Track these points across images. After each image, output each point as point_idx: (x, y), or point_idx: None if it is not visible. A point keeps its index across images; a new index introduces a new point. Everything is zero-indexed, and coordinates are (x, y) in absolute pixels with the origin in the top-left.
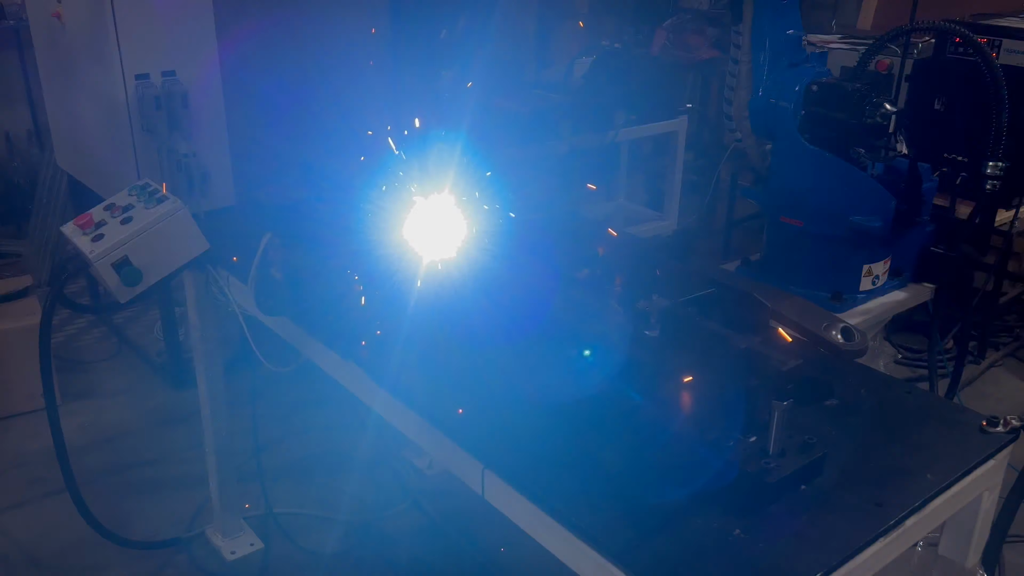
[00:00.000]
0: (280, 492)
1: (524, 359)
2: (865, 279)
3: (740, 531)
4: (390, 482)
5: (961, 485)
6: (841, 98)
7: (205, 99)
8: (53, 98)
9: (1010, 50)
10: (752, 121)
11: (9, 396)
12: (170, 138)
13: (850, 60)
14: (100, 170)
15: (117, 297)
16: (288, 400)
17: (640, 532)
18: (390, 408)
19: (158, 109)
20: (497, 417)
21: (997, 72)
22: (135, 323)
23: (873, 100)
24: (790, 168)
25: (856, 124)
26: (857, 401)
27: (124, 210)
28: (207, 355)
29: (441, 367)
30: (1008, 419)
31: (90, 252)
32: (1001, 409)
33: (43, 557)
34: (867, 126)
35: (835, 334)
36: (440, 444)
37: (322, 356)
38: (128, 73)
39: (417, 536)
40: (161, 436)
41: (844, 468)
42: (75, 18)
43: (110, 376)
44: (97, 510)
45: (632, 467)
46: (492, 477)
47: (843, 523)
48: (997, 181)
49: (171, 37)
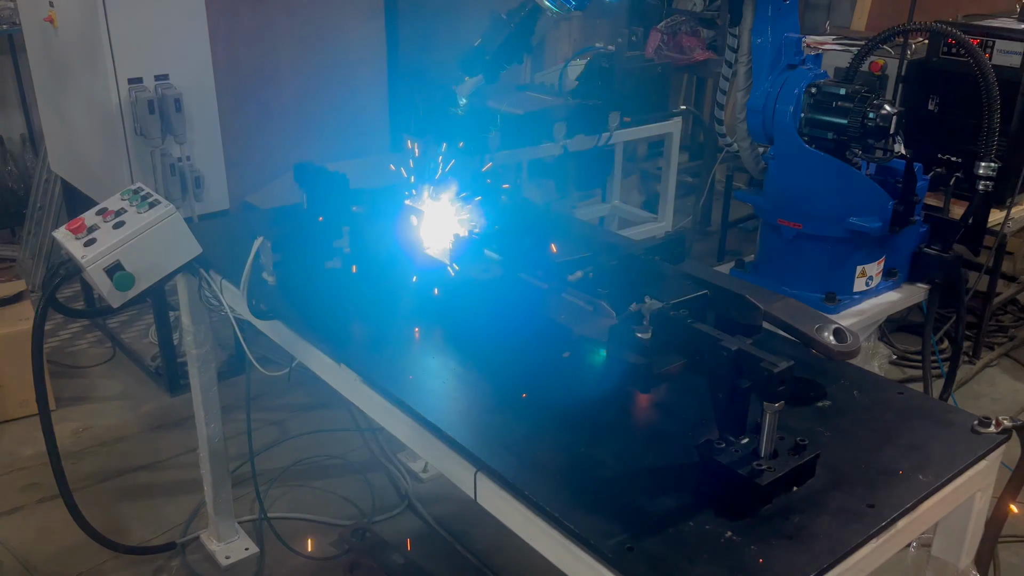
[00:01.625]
0: (274, 496)
1: (516, 361)
2: (859, 280)
3: (732, 533)
4: (385, 486)
5: (953, 486)
6: (842, 100)
7: (199, 103)
8: (46, 102)
9: (1003, 51)
10: (750, 124)
11: (2, 401)
12: (164, 142)
13: (844, 61)
14: (93, 174)
15: (110, 302)
16: (282, 404)
17: (632, 535)
18: (383, 411)
19: (151, 113)
20: (489, 420)
21: (990, 73)
22: (129, 328)
23: (874, 102)
24: (789, 171)
25: (857, 126)
26: (849, 402)
27: (116, 214)
28: (201, 359)
29: (433, 370)
30: (1000, 419)
31: (82, 257)
32: (996, 409)
33: (37, 563)
34: (868, 128)
35: (827, 336)
36: (432, 447)
37: (315, 360)
38: (121, 77)
39: (412, 540)
40: (155, 441)
41: (836, 469)
42: (68, 22)
43: (104, 381)
44: (91, 515)
45: (624, 470)
46: (484, 480)
47: (835, 524)
48: (990, 181)
49: (164, 41)
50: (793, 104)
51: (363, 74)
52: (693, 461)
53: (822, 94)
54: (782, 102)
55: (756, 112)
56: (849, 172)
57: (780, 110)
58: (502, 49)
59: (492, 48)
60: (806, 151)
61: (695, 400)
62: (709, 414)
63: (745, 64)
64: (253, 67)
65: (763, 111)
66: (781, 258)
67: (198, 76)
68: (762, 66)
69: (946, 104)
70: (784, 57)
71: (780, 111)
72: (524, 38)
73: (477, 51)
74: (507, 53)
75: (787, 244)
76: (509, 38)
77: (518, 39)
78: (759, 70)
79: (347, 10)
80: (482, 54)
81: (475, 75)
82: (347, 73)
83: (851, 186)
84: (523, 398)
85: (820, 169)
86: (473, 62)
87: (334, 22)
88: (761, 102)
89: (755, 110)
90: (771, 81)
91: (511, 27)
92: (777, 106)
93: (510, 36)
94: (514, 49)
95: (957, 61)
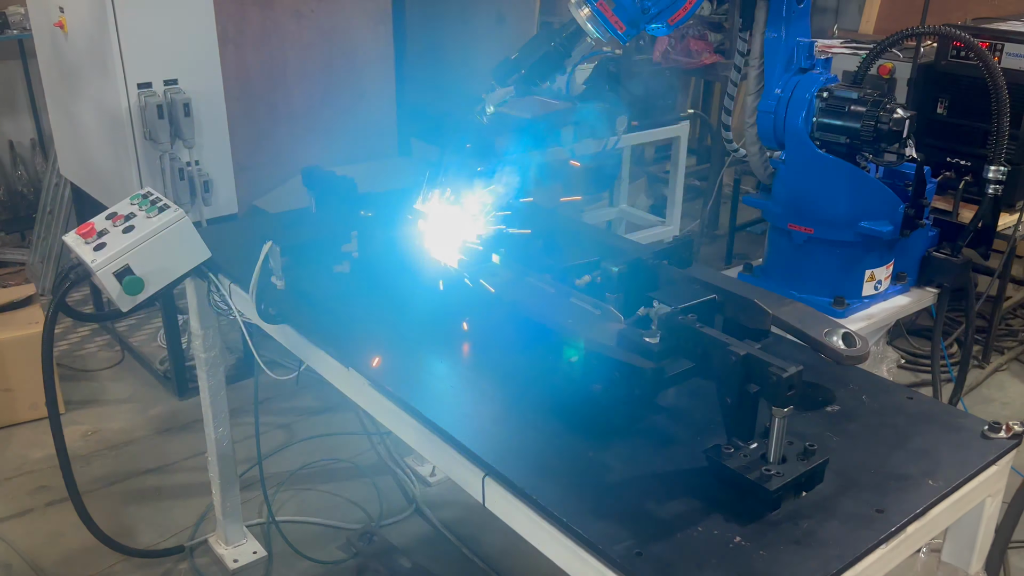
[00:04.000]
0: (282, 500)
1: (525, 366)
2: (868, 284)
3: (741, 538)
4: (393, 490)
5: (963, 491)
6: (855, 104)
7: (208, 107)
8: (56, 107)
9: (1012, 54)
10: (760, 128)
11: (12, 405)
12: (172, 146)
13: (852, 65)
14: (103, 179)
15: (119, 306)
16: (290, 408)
17: (640, 540)
18: (391, 415)
19: (160, 117)
20: (497, 424)
21: (999, 76)
22: (138, 331)
23: (887, 105)
24: (801, 175)
25: (871, 130)
26: (858, 407)
27: (126, 219)
28: (209, 363)
29: (441, 374)
30: (1010, 424)
31: (92, 261)
32: (1006, 414)
33: (46, 566)
34: (881, 132)
35: (836, 340)
36: (440, 451)
37: (324, 364)
38: (130, 81)
39: (420, 544)
40: (164, 444)
41: (845, 474)
42: (78, 27)
43: (113, 384)
44: (100, 518)
45: (632, 474)
46: (492, 484)
47: (845, 530)
48: (1000, 185)
49: (173, 46)
50: (805, 109)
51: (371, 78)
52: (701, 466)
53: (834, 98)
54: (794, 106)
55: (768, 115)
56: (862, 176)
57: (792, 114)
58: (537, 65)
59: (527, 63)
60: (818, 156)
61: (703, 405)
62: (717, 419)
63: (756, 68)
64: (261, 71)
65: (775, 115)
66: (789, 262)
67: (207, 81)
68: (775, 70)
69: (955, 107)
70: (796, 61)
71: (792, 115)
72: (560, 58)
73: (513, 63)
74: (541, 70)
75: (796, 248)
76: (546, 56)
77: (554, 58)
78: (771, 74)
79: (355, 14)
80: (517, 68)
81: (507, 86)
82: (355, 77)
83: (863, 190)
84: (531, 403)
85: (832, 173)
86: (507, 73)
87: (342, 26)
88: (773, 106)
89: (766, 113)
90: (783, 85)
91: (550, 45)
92: (789, 110)
93: (547, 54)
94: (549, 67)
95: (966, 64)
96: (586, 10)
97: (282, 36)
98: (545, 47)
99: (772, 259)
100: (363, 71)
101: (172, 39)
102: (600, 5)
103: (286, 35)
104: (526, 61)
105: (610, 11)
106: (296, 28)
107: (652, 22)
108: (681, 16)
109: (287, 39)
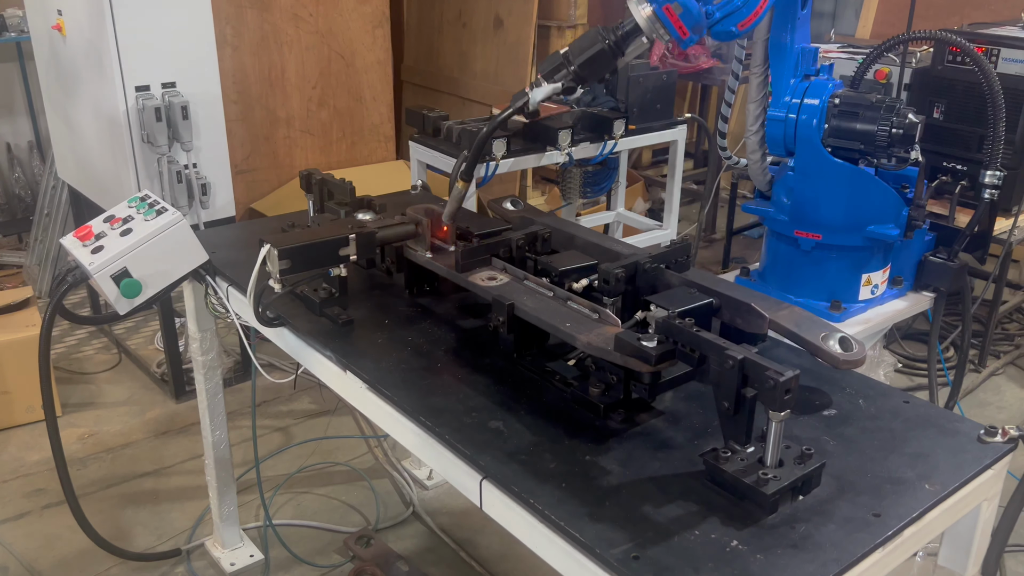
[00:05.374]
0: (279, 503)
1: (522, 369)
2: (864, 288)
3: (738, 542)
4: (390, 493)
5: (960, 495)
6: (868, 109)
7: (205, 110)
8: (54, 110)
9: (1008, 59)
10: (769, 135)
11: (9, 407)
12: (170, 149)
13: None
14: (100, 181)
15: (116, 308)
16: (287, 411)
17: (637, 543)
18: (388, 418)
19: (158, 120)
20: (494, 428)
21: (995, 82)
22: (135, 334)
23: (900, 109)
24: (812, 182)
25: (885, 135)
26: (855, 411)
27: (124, 222)
28: (207, 366)
29: (438, 377)
30: (1006, 428)
31: (89, 264)
32: (1002, 418)
33: (43, 569)
34: (895, 136)
35: (833, 344)
36: (437, 455)
37: (321, 367)
38: (128, 84)
39: (418, 548)
40: (161, 447)
41: (842, 478)
42: (76, 30)
43: (110, 387)
44: (97, 521)
45: (630, 478)
46: (490, 488)
47: (841, 534)
48: (996, 190)
49: (171, 49)
50: (817, 114)
51: (369, 81)
52: (698, 470)
53: (847, 104)
54: (805, 112)
55: (778, 122)
56: (872, 181)
57: (803, 121)
58: (588, 63)
59: (579, 60)
60: (830, 161)
61: (700, 408)
62: (714, 422)
63: (759, 75)
64: (259, 74)
65: (785, 122)
66: (787, 266)
67: (205, 83)
68: (783, 76)
69: (951, 112)
70: (802, 68)
71: (803, 122)
72: (614, 57)
73: (563, 59)
74: (593, 68)
75: (794, 252)
76: (599, 54)
77: (608, 57)
78: (780, 80)
79: (353, 18)
80: (566, 64)
81: (555, 83)
82: (353, 80)
83: (873, 195)
84: (528, 406)
85: (844, 179)
86: (556, 69)
87: (340, 29)
88: (783, 112)
89: (776, 120)
90: (792, 91)
91: (605, 43)
92: (801, 116)
93: (600, 52)
94: (601, 66)
95: (962, 69)
96: (648, 10)
97: (280, 39)
98: (599, 44)
99: (769, 263)
100: (361, 74)
101: (170, 42)
102: (666, 9)
103: (284, 38)
104: (576, 58)
105: (676, 16)
106: (294, 31)
107: (716, 26)
108: (752, 21)
109: (285, 42)
